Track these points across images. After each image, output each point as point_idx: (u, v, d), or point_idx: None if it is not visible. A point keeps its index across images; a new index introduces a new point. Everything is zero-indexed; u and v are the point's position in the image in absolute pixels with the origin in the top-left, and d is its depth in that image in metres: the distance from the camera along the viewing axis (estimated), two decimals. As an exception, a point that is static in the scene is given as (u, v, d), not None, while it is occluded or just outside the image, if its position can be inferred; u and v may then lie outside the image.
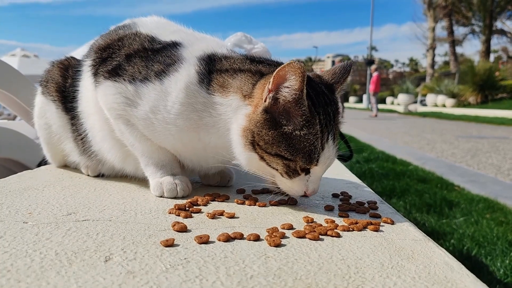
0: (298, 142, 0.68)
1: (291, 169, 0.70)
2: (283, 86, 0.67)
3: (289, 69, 0.65)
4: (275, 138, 0.68)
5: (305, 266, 0.48)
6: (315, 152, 0.69)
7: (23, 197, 0.76)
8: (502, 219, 2.22)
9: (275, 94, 0.68)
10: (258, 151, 0.70)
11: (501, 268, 1.57)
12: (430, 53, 25.87)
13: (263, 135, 0.68)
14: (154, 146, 0.82)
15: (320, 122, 0.69)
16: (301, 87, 0.66)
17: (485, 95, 14.68)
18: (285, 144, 0.68)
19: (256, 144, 0.69)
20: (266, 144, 0.68)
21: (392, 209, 0.81)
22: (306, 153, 0.68)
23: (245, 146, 0.70)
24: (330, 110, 0.72)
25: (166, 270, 0.45)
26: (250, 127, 0.69)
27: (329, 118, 0.71)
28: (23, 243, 0.52)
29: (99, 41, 0.85)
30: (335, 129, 0.73)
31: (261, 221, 0.67)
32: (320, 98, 0.71)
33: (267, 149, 0.69)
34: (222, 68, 0.76)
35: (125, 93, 0.77)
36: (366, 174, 3.31)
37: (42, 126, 1.01)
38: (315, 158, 0.69)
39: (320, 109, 0.70)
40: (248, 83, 0.73)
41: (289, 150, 0.68)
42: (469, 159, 4.47)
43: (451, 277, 0.47)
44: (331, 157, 0.72)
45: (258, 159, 0.70)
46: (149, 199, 0.79)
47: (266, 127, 0.68)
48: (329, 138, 0.70)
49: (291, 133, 0.68)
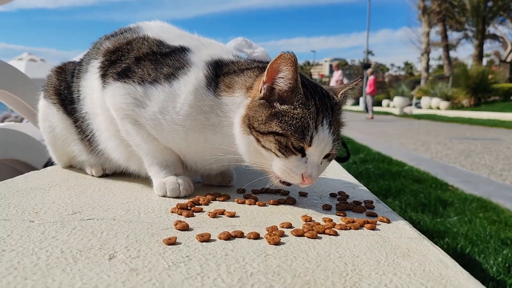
0: (291, 119, 0.70)
1: (283, 146, 0.70)
2: (278, 77, 0.70)
3: (281, 60, 0.68)
4: (268, 117, 0.71)
5: (303, 264, 0.49)
6: (308, 130, 0.69)
7: (30, 197, 0.77)
8: (495, 218, 2.25)
9: (270, 85, 0.71)
10: (254, 133, 0.72)
11: (494, 265, 1.60)
12: (425, 57, 26.14)
13: (257, 116, 0.71)
14: (160, 146, 0.83)
15: (316, 105, 0.71)
16: (294, 76, 0.69)
17: (478, 98, 14.83)
18: (277, 120, 0.70)
19: (252, 127, 0.72)
20: (259, 124, 0.71)
21: (388, 208, 0.82)
22: (298, 129, 0.69)
23: (243, 131, 0.73)
24: (328, 102, 0.74)
25: (168, 268, 0.46)
26: (248, 112, 0.73)
27: (326, 107, 0.73)
28: (29, 242, 0.53)
29: (107, 44, 0.86)
30: (333, 120, 0.74)
31: (261, 220, 0.68)
32: (317, 91, 0.74)
33: (260, 129, 0.71)
34: (230, 71, 0.79)
35: (134, 94, 0.79)
36: (363, 174, 3.33)
37: (46, 128, 1.03)
38: (308, 135, 0.69)
39: (316, 96, 0.72)
40: (252, 77, 0.77)
41: (281, 125, 0.69)
42: (462, 160, 4.52)
43: (446, 274, 0.48)
44: (326, 141, 0.71)
45: (255, 143, 0.72)
46: (152, 199, 0.80)
47: (260, 110, 0.72)
48: (324, 122, 0.71)
49: (283, 111, 0.70)
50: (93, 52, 0.90)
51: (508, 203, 2.64)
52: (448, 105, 15.68)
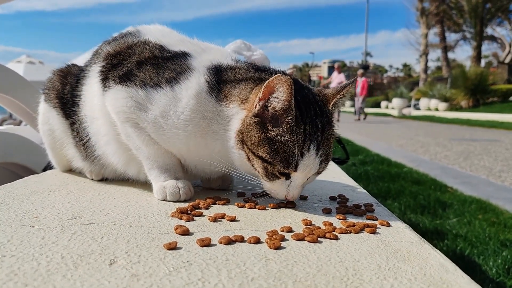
0: (279, 147, 0.72)
1: (269, 173, 0.74)
2: (273, 96, 0.72)
3: (277, 81, 0.70)
4: (260, 140, 0.72)
5: (304, 269, 0.49)
6: (293, 158, 0.71)
7: (29, 201, 0.77)
8: (494, 220, 2.25)
9: (265, 103, 0.73)
10: (246, 150, 0.74)
11: (494, 267, 1.60)
12: (423, 59, 26.27)
13: (251, 136, 0.73)
14: (160, 150, 0.83)
15: (305, 131, 0.72)
16: (288, 98, 0.70)
17: (476, 99, 14.89)
18: (268, 147, 0.72)
19: (245, 144, 0.74)
20: (252, 144, 0.73)
21: (388, 211, 0.82)
22: (284, 158, 0.71)
23: (237, 145, 0.75)
24: (319, 122, 0.75)
25: (169, 273, 0.46)
26: (242, 128, 0.74)
27: (316, 129, 0.74)
28: (29, 247, 0.53)
29: (108, 48, 0.87)
30: (323, 140, 0.75)
31: (261, 224, 0.68)
32: (310, 109, 0.75)
33: (252, 149, 0.73)
34: (228, 79, 0.79)
35: (136, 98, 0.79)
36: (362, 176, 3.34)
37: (46, 132, 1.03)
38: (292, 164, 0.72)
39: (307, 120, 0.73)
40: (247, 89, 0.77)
41: (270, 153, 0.72)
42: (461, 161, 4.53)
43: (446, 279, 0.48)
44: (312, 167, 0.74)
45: (245, 159, 0.75)
46: (152, 203, 0.80)
47: (254, 129, 0.73)
48: (311, 148, 0.72)
49: (274, 138, 0.72)
50: (94, 57, 0.91)
51: (507, 205, 2.65)
52: (446, 106, 15.73)
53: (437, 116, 13.63)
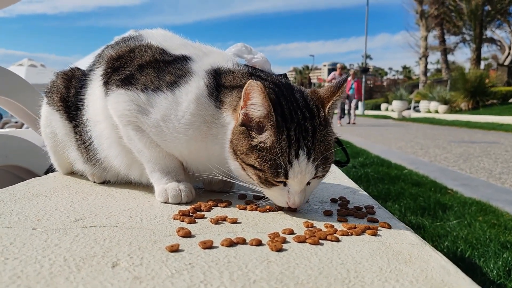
0: (265, 154, 0.70)
1: (262, 180, 0.72)
2: (249, 103, 0.71)
3: (250, 88, 0.69)
4: (248, 149, 0.72)
5: (306, 271, 0.50)
6: (280, 167, 0.69)
7: (32, 204, 0.77)
8: (494, 221, 2.25)
9: (246, 111, 0.72)
10: (238, 160, 0.73)
11: (494, 269, 1.60)
12: (423, 61, 26.35)
13: (239, 145, 0.73)
14: (162, 153, 0.84)
15: (289, 137, 0.69)
16: (264, 103, 0.69)
17: (476, 101, 14.91)
18: (255, 155, 0.71)
19: (236, 154, 0.73)
20: (241, 154, 0.72)
21: (389, 213, 0.83)
22: (272, 166, 0.70)
23: (231, 156, 0.75)
24: (310, 125, 0.71)
25: (171, 275, 0.46)
26: (232, 138, 0.74)
27: (306, 133, 0.70)
28: (32, 250, 0.53)
29: (110, 51, 0.87)
30: (316, 144, 0.71)
31: (263, 226, 0.69)
32: (298, 113, 0.72)
33: (243, 159, 0.73)
34: (225, 84, 0.79)
35: (137, 101, 0.79)
36: (362, 178, 3.33)
37: (48, 134, 1.03)
38: (281, 173, 0.70)
39: (292, 125, 0.70)
40: (237, 99, 0.76)
41: (258, 160, 0.71)
42: (461, 163, 4.53)
43: (448, 281, 0.48)
44: (305, 173, 0.70)
45: (241, 169, 0.74)
46: (154, 205, 0.80)
47: (241, 139, 0.73)
48: (300, 154, 0.69)
49: (258, 145, 0.71)
50: (97, 61, 0.91)
51: (508, 206, 2.65)
52: (446, 108, 15.75)
53: (437, 118, 13.64)
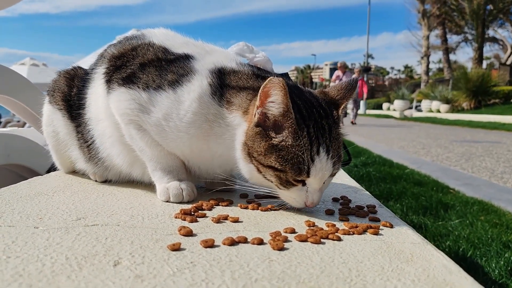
0: (286, 153, 0.69)
1: (283, 180, 0.71)
2: (268, 101, 0.70)
3: (271, 85, 0.68)
4: (266, 150, 0.70)
5: (307, 270, 0.50)
6: (304, 164, 0.69)
7: (34, 203, 0.77)
8: (496, 221, 2.24)
9: (263, 110, 0.71)
10: (254, 162, 0.72)
11: (496, 268, 1.59)
12: (425, 61, 26.28)
13: (256, 147, 0.71)
14: (164, 152, 0.84)
15: (309, 134, 0.70)
16: (284, 101, 0.69)
17: (478, 101, 14.86)
18: (275, 155, 0.70)
19: (252, 156, 0.72)
20: (259, 155, 0.71)
21: (391, 213, 0.82)
22: (294, 164, 0.69)
23: (245, 159, 0.74)
24: (326, 124, 0.72)
25: (173, 274, 0.46)
26: (246, 141, 0.73)
27: (323, 131, 0.71)
28: (34, 248, 0.53)
29: (112, 50, 0.87)
30: (332, 141, 0.72)
31: (264, 225, 0.69)
32: (314, 112, 0.73)
33: (260, 161, 0.71)
34: (230, 84, 0.79)
35: (139, 100, 0.79)
36: (364, 178, 3.33)
37: (50, 133, 1.03)
38: (304, 170, 0.69)
39: (311, 122, 0.71)
40: (247, 100, 0.76)
41: (279, 161, 0.70)
42: (463, 162, 4.52)
43: (450, 280, 0.48)
44: (325, 170, 0.71)
45: (256, 171, 0.73)
46: (156, 204, 0.80)
47: (257, 140, 0.71)
48: (320, 151, 0.70)
49: (279, 144, 0.70)
50: (100, 60, 0.91)
51: (510, 206, 2.64)
52: (448, 108, 15.71)
53: (438, 118, 13.61)
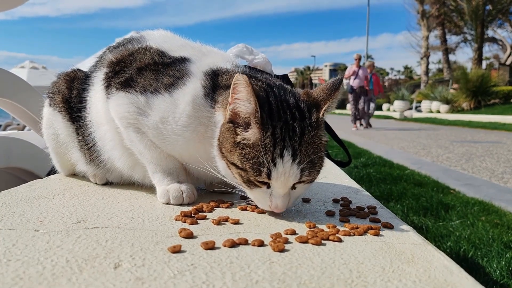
0: (248, 152, 0.68)
1: (245, 180, 0.70)
2: (236, 98, 0.69)
3: (236, 82, 0.68)
4: (232, 146, 0.70)
5: (308, 271, 0.49)
6: (263, 166, 0.67)
7: (34, 206, 0.77)
8: (497, 221, 2.24)
9: (234, 106, 0.70)
10: (224, 159, 0.72)
11: (497, 269, 1.59)
12: (424, 61, 26.32)
13: (224, 143, 0.71)
14: (163, 154, 0.84)
15: (274, 135, 0.67)
16: (248, 98, 0.67)
17: (478, 101, 14.87)
18: (238, 153, 0.69)
19: (222, 152, 0.72)
20: (226, 151, 0.71)
21: (391, 213, 0.82)
22: (255, 165, 0.67)
23: (218, 154, 0.74)
24: (298, 126, 0.68)
25: (174, 276, 0.46)
26: (219, 137, 0.73)
27: (293, 133, 0.68)
28: (34, 251, 0.53)
29: (110, 56, 0.88)
30: (302, 146, 0.68)
31: (265, 227, 0.68)
32: (287, 113, 0.69)
33: (227, 157, 0.71)
34: (220, 84, 0.78)
35: (137, 103, 0.80)
36: (364, 179, 3.33)
37: (50, 136, 1.03)
38: (264, 172, 0.67)
39: (279, 123, 0.68)
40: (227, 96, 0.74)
41: (240, 159, 0.68)
42: (463, 163, 4.52)
43: (451, 280, 0.48)
44: (288, 174, 0.67)
45: (227, 168, 0.72)
46: (156, 206, 0.80)
47: (226, 136, 0.71)
48: (284, 154, 0.66)
49: (241, 142, 0.69)
50: (98, 64, 0.92)
51: (510, 206, 2.63)
52: (448, 108, 15.72)
53: (438, 118, 13.62)
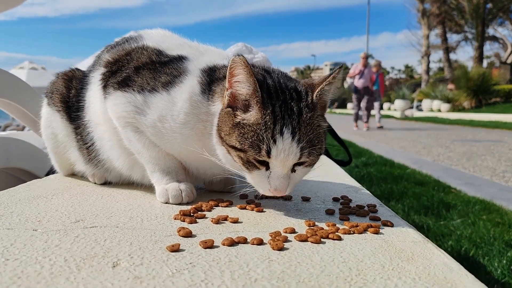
0: (247, 131, 0.68)
1: (244, 161, 0.70)
2: (234, 81, 0.70)
3: (234, 64, 0.68)
4: (230, 128, 0.70)
5: (307, 269, 0.49)
6: (263, 143, 0.67)
7: (33, 205, 0.77)
8: (498, 220, 2.24)
9: (232, 91, 0.71)
10: (224, 144, 0.72)
11: (499, 268, 1.58)
12: (425, 60, 26.29)
13: (223, 126, 0.71)
14: (161, 153, 0.84)
15: (274, 112, 0.68)
16: (248, 78, 0.68)
17: (479, 100, 14.85)
18: (237, 134, 0.69)
19: (221, 137, 0.72)
20: (225, 135, 0.71)
21: (391, 212, 0.82)
22: (254, 142, 0.67)
23: (217, 141, 0.73)
24: (295, 105, 0.69)
25: (172, 275, 0.46)
26: (218, 121, 0.73)
27: (291, 112, 0.68)
28: (33, 251, 0.53)
29: (107, 56, 0.88)
30: (301, 124, 0.68)
31: (264, 226, 0.68)
32: (285, 93, 0.70)
33: (226, 141, 0.71)
34: (218, 77, 0.79)
35: (134, 102, 0.80)
36: (365, 178, 3.33)
37: (49, 136, 1.03)
38: (263, 148, 0.67)
39: (277, 102, 0.69)
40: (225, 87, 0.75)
41: (238, 139, 0.68)
42: (464, 162, 4.51)
43: (451, 278, 0.48)
44: (288, 152, 0.67)
45: (227, 153, 0.72)
46: (155, 206, 0.80)
47: (225, 120, 0.71)
48: (284, 131, 0.67)
49: (240, 122, 0.69)
50: (96, 63, 0.92)
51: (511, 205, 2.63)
52: (449, 107, 15.70)
53: (439, 117, 13.61)
